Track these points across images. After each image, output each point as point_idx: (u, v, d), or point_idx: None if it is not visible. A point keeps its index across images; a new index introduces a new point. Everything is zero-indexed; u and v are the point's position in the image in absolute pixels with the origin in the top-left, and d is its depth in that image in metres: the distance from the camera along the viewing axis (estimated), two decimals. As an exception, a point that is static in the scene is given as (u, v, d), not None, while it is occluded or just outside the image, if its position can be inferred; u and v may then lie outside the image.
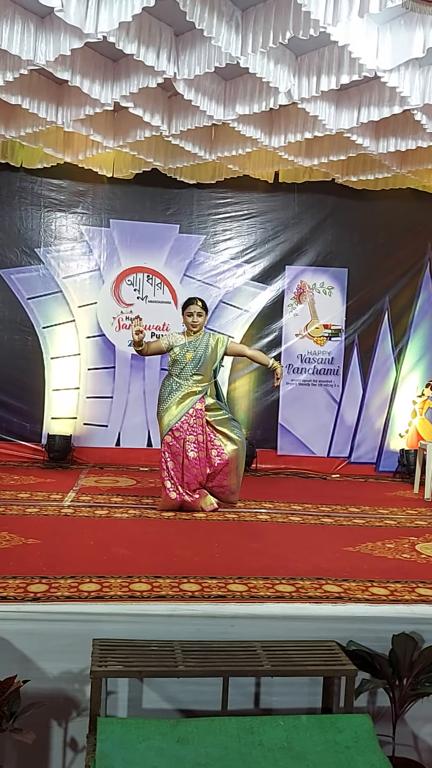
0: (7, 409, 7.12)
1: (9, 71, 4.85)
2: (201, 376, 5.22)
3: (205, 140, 6.27)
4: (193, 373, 5.20)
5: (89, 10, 3.99)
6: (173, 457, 5.15)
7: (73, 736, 2.91)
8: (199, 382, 5.22)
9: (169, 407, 5.17)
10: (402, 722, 2.98)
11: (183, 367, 5.20)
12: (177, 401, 5.17)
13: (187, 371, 5.20)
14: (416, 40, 4.18)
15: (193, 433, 5.16)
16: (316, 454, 7.53)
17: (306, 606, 3.21)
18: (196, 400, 5.18)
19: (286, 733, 2.54)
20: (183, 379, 5.20)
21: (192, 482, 5.16)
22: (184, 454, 5.14)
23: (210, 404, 5.28)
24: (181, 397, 5.17)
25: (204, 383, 5.24)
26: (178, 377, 5.22)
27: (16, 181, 7.09)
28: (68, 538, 4.31)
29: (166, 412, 5.18)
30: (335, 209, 7.49)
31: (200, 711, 2.85)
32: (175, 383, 5.21)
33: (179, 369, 5.22)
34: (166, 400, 5.21)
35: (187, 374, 5.20)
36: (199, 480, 5.21)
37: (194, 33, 4.51)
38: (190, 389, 5.19)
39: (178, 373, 5.22)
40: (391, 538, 4.63)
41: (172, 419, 5.14)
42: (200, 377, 5.22)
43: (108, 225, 7.27)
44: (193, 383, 5.20)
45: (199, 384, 5.21)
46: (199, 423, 5.18)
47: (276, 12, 4.16)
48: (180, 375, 5.21)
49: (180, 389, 5.19)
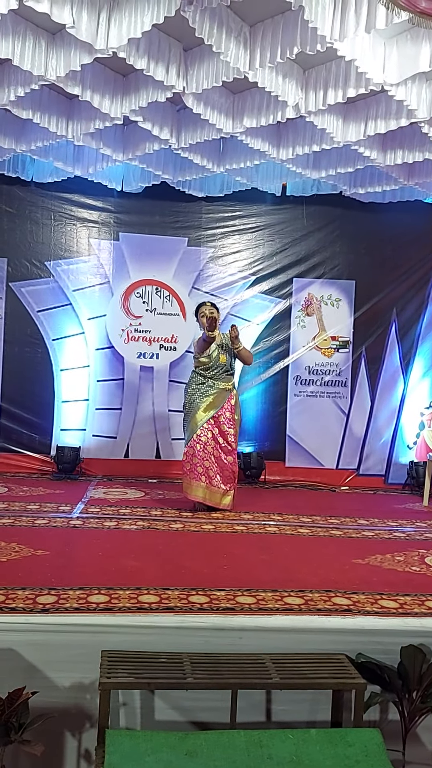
0: (16, 420, 7.15)
1: (20, 86, 4.93)
2: (230, 374, 5.67)
3: (213, 153, 6.32)
4: (225, 371, 5.60)
5: (100, 26, 4.07)
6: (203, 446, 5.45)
7: (86, 747, 2.90)
8: (229, 380, 5.65)
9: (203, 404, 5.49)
10: (412, 736, 2.96)
11: (217, 368, 5.57)
12: (212, 399, 5.51)
13: (219, 371, 5.58)
14: (423, 54, 4.21)
15: (227, 424, 5.52)
16: (325, 466, 7.50)
17: (315, 618, 3.20)
18: (227, 396, 5.58)
19: (295, 746, 2.53)
20: (216, 378, 5.57)
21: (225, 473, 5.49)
22: (221, 446, 5.48)
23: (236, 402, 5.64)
24: (214, 396, 5.53)
25: (233, 379, 5.72)
26: (212, 378, 5.56)
27: (26, 194, 7.16)
28: (77, 549, 4.31)
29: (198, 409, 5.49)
30: (343, 222, 7.51)
31: (209, 722, 2.84)
32: (209, 382, 5.55)
33: (213, 371, 5.57)
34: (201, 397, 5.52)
35: (219, 374, 5.58)
36: (230, 472, 5.52)
37: (203, 48, 4.56)
38: (225, 387, 5.59)
39: (212, 374, 5.57)
40: (401, 551, 4.60)
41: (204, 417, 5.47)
42: (230, 375, 5.67)
43: (117, 238, 7.32)
44: (224, 381, 5.59)
45: (229, 381, 5.65)
46: (228, 417, 5.54)
47: (283, 28, 4.22)
48: (213, 376, 5.57)
49: (214, 389, 5.55)
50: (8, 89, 5.02)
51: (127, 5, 4.00)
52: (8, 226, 7.17)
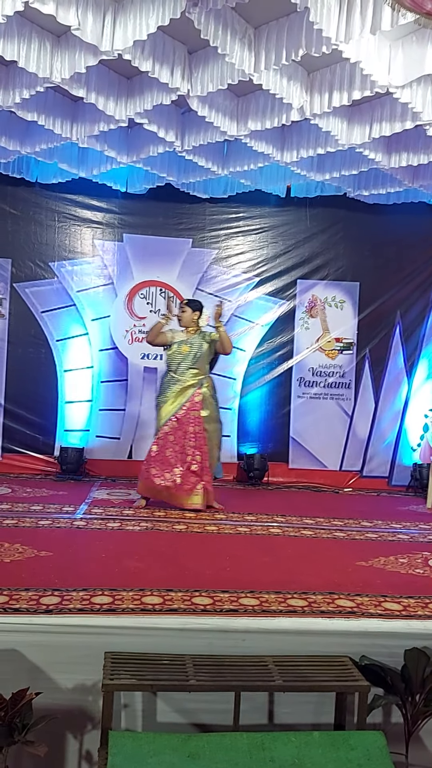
0: (20, 421, 7.17)
1: (26, 88, 4.95)
2: (197, 370, 5.59)
3: (217, 156, 6.33)
4: (190, 367, 5.57)
5: (105, 28, 4.08)
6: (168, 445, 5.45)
7: (88, 748, 2.90)
8: (195, 375, 5.58)
9: (167, 400, 5.56)
10: (415, 739, 2.95)
11: (180, 361, 5.59)
12: (175, 395, 5.55)
13: (184, 365, 5.58)
14: (428, 56, 4.21)
15: (190, 424, 5.49)
16: (328, 467, 7.50)
17: (318, 621, 3.19)
18: (191, 394, 5.55)
19: (297, 749, 2.52)
20: (180, 374, 5.58)
21: (187, 471, 5.45)
22: (184, 443, 5.46)
23: (205, 396, 5.59)
24: (178, 391, 5.56)
25: (200, 376, 5.61)
26: (175, 372, 5.60)
27: (30, 196, 7.17)
28: (80, 550, 4.32)
29: (164, 404, 5.58)
30: (347, 223, 7.51)
31: (212, 725, 2.84)
32: (173, 379, 5.60)
33: (176, 364, 5.60)
34: (164, 392, 5.62)
35: (183, 368, 5.58)
36: (194, 470, 5.47)
37: (207, 50, 4.58)
38: (188, 383, 5.56)
39: (175, 369, 5.60)
40: (404, 553, 4.60)
41: (168, 413, 5.52)
42: (196, 371, 5.59)
43: (121, 239, 7.33)
44: (190, 376, 5.57)
45: (195, 377, 5.58)
46: (195, 416, 5.51)
47: (288, 30, 4.22)
48: (177, 371, 5.59)
49: (177, 383, 5.58)
50: (13, 91, 5.05)
51: (132, 7, 4.01)
52: (12, 227, 7.19)
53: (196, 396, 5.54)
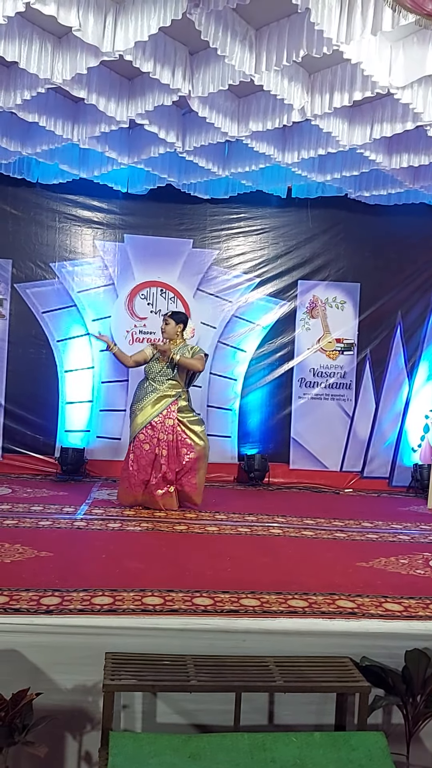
0: (20, 421, 7.17)
1: (27, 89, 4.95)
2: (175, 382, 5.63)
3: (218, 156, 6.33)
4: (169, 378, 5.61)
5: (106, 29, 4.08)
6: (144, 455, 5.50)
7: (87, 749, 2.90)
8: (173, 387, 5.61)
9: (145, 407, 5.57)
10: (416, 740, 2.95)
11: (159, 370, 5.63)
12: (152, 402, 5.56)
13: (162, 375, 5.61)
14: (429, 57, 4.22)
15: (164, 432, 5.52)
16: (329, 468, 7.50)
17: (319, 621, 3.20)
18: (169, 403, 5.57)
19: (299, 750, 2.53)
20: (158, 382, 5.61)
21: (161, 479, 5.51)
22: (159, 452, 5.49)
23: (182, 406, 5.62)
24: (155, 399, 5.57)
25: (178, 389, 5.64)
26: (154, 381, 5.63)
27: (31, 196, 7.18)
28: (81, 551, 4.32)
29: (140, 411, 5.58)
30: (348, 224, 7.51)
31: (213, 725, 2.84)
32: (151, 386, 5.63)
33: (155, 372, 5.64)
34: (141, 400, 5.62)
35: (162, 378, 5.61)
36: (169, 477, 5.54)
37: (208, 52, 4.58)
38: (165, 392, 5.59)
39: (154, 377, 5.63)
40: (405, 554, 4.60)
41: (146, 418, 5.53)
42: (174, 383, 5.62)
43: (122, 240, 7.34)
44: (168, 387, 5.60)
45: (173, 388, 5.61)
46: (170, 424, 5.54)
47: (289, 31, 4.22)
48: (155, 379, 5.62)
49: (155, 392, 5.60)
50: (14, 92, 5.05)
51: (133, 8, 4.01)
52: (13, 228, 7.19)
53: (173, 404, 5.57)
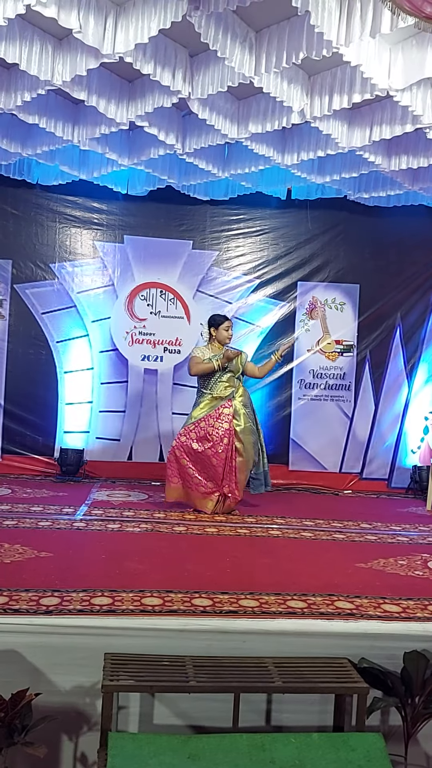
0: (20, 422, 7.17)
1: (27, 91, 4.97)
2: (227, 384, 5.72)
3: (218, 158, 6.35)
4: (219, 381, 5.71)
5: (107, 31, 4.09)
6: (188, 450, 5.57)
7: (83, 750, 2.90)
8: (226, 388, 5.71)
9: (200, 403, 5.73)
10: (414, 741, 2.95)
11: (210, 376, 5.72)
12: (208, 400, 5.70)
13: (214, 378, 5.71)
14: (428, 59, 4.24)
15: (216, 433, 5.55)
16: (328, 469, 7.51)
17: (318, 622, 3.20)
18: (221, 403, 5.66)
19: (297, 750, 2.53)
20: (210, 388, 5.73)
21: (205, 475, 5.55)
22: (203, 448, 5.54)
23: (237, 409, 5.67)
24: (211, 399, 5.70)
25: (231, 389, 5.72)
26: (205, 387, 5.75)
27: (31, 197, 7.19)
28: (80, 551, 4.32)
29: (197, 406, 5.74)
30: (347, 226, 7.52)
31: (211, 727, 2.84)
32: (205, 394, 5.74)
33: (206, 383, 5.75)
34: (197, 405, 5.76)
35: (213, 382, 5.71)
36: (212, 476, 5.57)
37: (208, 54, 4.59)
38: (219, 395, 5.69)
39: (208, 385, 5.74)
40: (404, 555, 4.60)
41: (198, 414, 5.66)
42: (227, 384, 5.72)
43: (122, 241, 7.35)
44: (222, 389, 5.70)
45: (226, 390, 5.71)
46: (224, 427, 5.59)
47: (289, 33, 4.24)
48: (207, 385, 5.74)
49: (209, 395, 5.71)
50: (15, 94, 5.06)
51: (133, 10, 4.03)
52: (13, 228, 7.20)
53: (225, 407, 5.63)
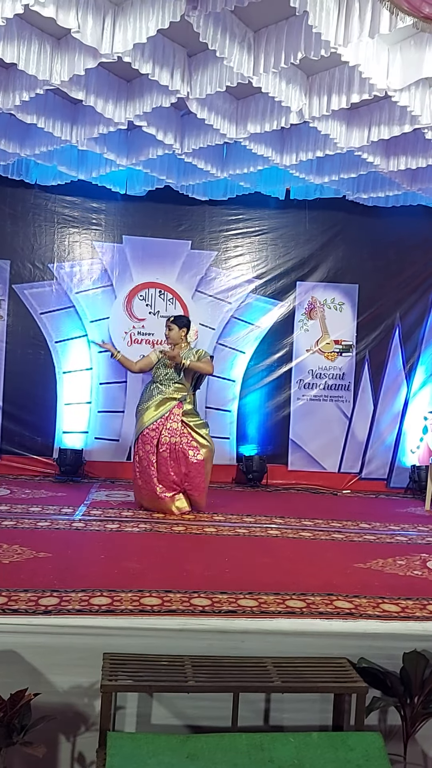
0: (18, 422, 7.17)
1: (25, 91, 4.97)
2: (181, 385, 5.60)
3: (217, 158, 6.34)
4: (175, 381, 5.59)
5: (105, 31, 4.09)
6: (146, 457, 5.48)
7: (81, 750, 2.90)
8: (178, 390, 5.59)
9: (149, 408, 5.57)
10: (413, 741, 2.95)
11: (166, 373, 5.61)
12: (156, 404, 5.56)
13: (168, 378, 5.60)
14: (426, 60, 4.23)
15: (168, 435, 5.49)
16: (327, 469, 7.51)
17: (317, 622, 3.20)
18: (173, 405, 5.55)
19: (296, 750, 2.53)
20: (164, 385, 5.60)
21: (164, 480, 5.48)
22: (158, 454, 5.47)
23: (188, 410, 5.59)
24: (160, 401, 5.56)
25: (183, 392, 5.61)
26: (161, 383, 5.61)
27: (30, 197, 7.18)
28: (79, 551, 4.32)
29: (145, 411, 5.58)
30: (346, 226, 7.53)
31: (210, 727, 2.83)
32: (157, 388, 5.62)
33: (162, 375, 5.62)
34: (146, 401, 5.63)
35: (168, 381, 5.59)
36: (173, 479, 5.50)
37: (207, 53, 4.59)
38: (170, 395, 5.57)
39: (161, 379, 5.62)
40: (402, 555, 4.60)
41: (150, 419, 5.52)
42: (180, 386, 5.60)
43: (121, 241, 7.34)
44: (174, 390, 5.58)
45: (178, 392, 5.59)
46: (176, 427, 5.51)
47: (288, 33, 4.24)
48: (162, 382, 5.61)
49: (161, 394, 5.58)
50: (13, 94, 5.06)
51: (132, 10, 4.03)
52: (12, 229, 7.20)
53: (176, 407, 5.53)
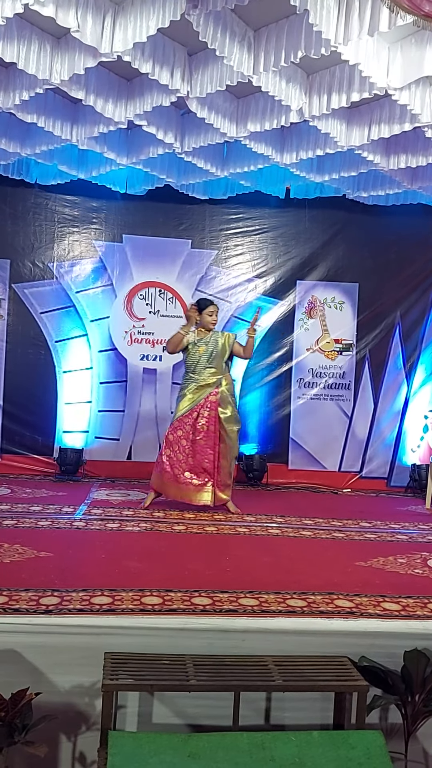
0: (19, 422, 7.17)
1: (25, 90, 4.96)
2: (214, 369, 5.62)
3: (217, 157, 6.34)
4: (206, 366, 5.62)
5: (105, 30, 4.08)
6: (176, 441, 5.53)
7: (82, 750, 2.90)
8: (213, 374, 5.62)
9: (185, 395, 5.63)
10: (414, 739, 2.96)
11: (197, 361, 5.63)
12: (192, 391, 5.60)
13: (201, 365, 5.62)
14: (427, 58, 4.22)
15: (204, 422, 5.53)
16: (328, 468, 7.51)
17: (317, 621, 3.20)
18: (209, 391, 5.59)
19: (297, 749, 2.53)
20: (197, 373, 5.62)
21: (197, 467, 5.51)
22: (195, 441, 5.51)
23: (223, 396, 5.61)
24: (195, 388, 5.60)
25: (218, 375, 5.63)
26: (193, 372, 5.64)
27: (30, 197, 7.18)
28: (80, 551, 4.32)
29: (182, 399, 5.65)
30: (346, 224, 7.52)
31: (211, 726, 2.84)
32: (190, 377, 5.66)
33: (194, 364, 5.64)
34: (183, 389, 5.69)
35: (201, 368, 5.62)
36: (205, 466, 5.51)
37: (207, 52, 4.58)
38: (205, 381, 5.60)
39: (193, 368, 5.64)
40: (403, 553, 4.61)
41: (185, 406, 5.58)
42: (213, 370, 5.62)
43: (121, 240, 7.34)
44: (208, 375, 5.61)
45: (213, 376, 5.61)
46: (213, 415, 5.54)
47: (288, 32, 4.23)
48: (194, 370, 5.63)
49: (195, 382, 5.62)
50: (13, 93, 5.05)
51: (132, 9, 4.02)
52: (12, 228, 7.19)
53: (212, 395, 5.57)
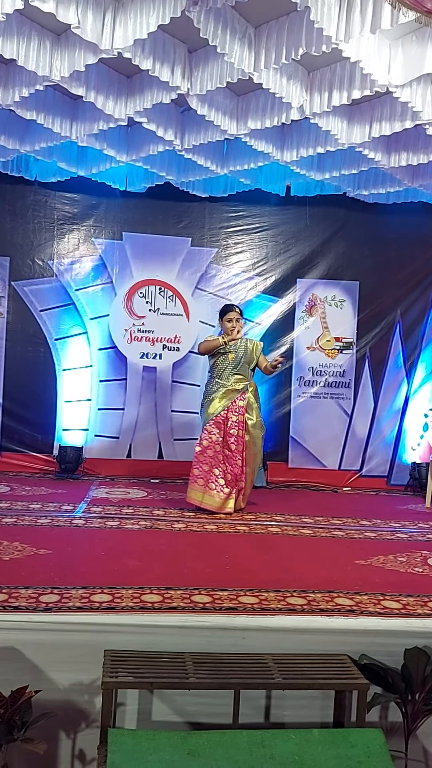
0: (19, 420, 7.16)
1: (25, 87, 4.94)
2: (241, 376, 5.63)
3: (217, 154, 6.33)
4: (234, 373, 5.61)
5: (105, 27, 4.07)
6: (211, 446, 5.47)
7: (81, 747, 2.90)
8: (239, 381, 5.62)
9: (213, 399, 5.59)
10: (414, 737, 2.95)
11: (225, 367, 5.62)
12: (220, 396, 5.57)
13: (228, 371, 5.62)
14: (428, 55, 4.21)
15: (234, 427, 5.53)
16: (327, 466, 7.50)
17: (317, 619, 3.20)
18: (236, 397, 5.58)
19: (297, 746, 2.53)
20: (224, 379, 5.61)
21: (229, 473, 5.50)
22: (226, 445, 5.49)
23: (250, 402, 5.61)
24: (223, 393, 5.58)
25: (244, 381, 5.64)
26: (220, 378, 5.63)
27: (29, 194, 7.16)
28: (80, 548, 4.32)
29: (210, 403, 5.60)
30: (346, 222, 7.51)
31: (210, 724, 2.83)
32: (217, 383, 5.63)
33: (221, 370, 5.63)
34: (211, 394, 5.64)
35: (227, 374, 5.61)
36: (236, 472, 5.52)
37: (207, 49, 4.57)
38: (232, 387, 5.58)
39: (220, 374, 5.63)
40: (403, 552, 4.60)
41: (215, 409, 5.54)
42: (240, 376, 5.63)
43: (120, 238, 7.33)
44: (234, 381, 5.60)
45: (239, 382, 5.62)
46: (241, 420, 5.56)
47: (288, 29, 4.22)
48: (221, 376, 5.63)
49: (222, 387, 5.59)
50: (13, 90, 5.04)
51: (132, 6, 4.01)
52: (11, 226, 7.18)
53: (240, 400, 5.57)
